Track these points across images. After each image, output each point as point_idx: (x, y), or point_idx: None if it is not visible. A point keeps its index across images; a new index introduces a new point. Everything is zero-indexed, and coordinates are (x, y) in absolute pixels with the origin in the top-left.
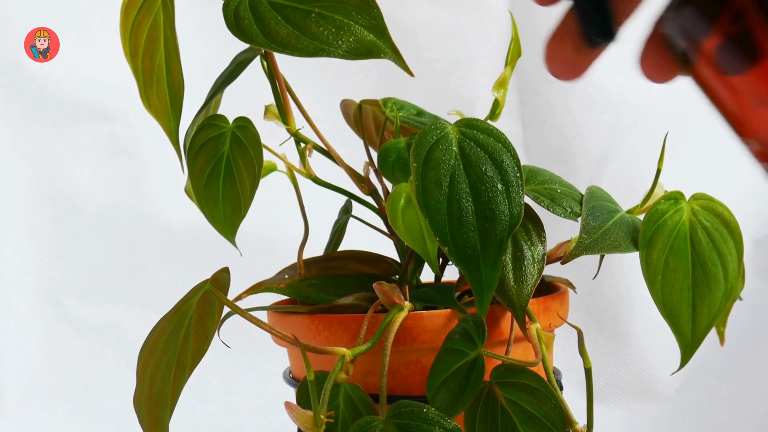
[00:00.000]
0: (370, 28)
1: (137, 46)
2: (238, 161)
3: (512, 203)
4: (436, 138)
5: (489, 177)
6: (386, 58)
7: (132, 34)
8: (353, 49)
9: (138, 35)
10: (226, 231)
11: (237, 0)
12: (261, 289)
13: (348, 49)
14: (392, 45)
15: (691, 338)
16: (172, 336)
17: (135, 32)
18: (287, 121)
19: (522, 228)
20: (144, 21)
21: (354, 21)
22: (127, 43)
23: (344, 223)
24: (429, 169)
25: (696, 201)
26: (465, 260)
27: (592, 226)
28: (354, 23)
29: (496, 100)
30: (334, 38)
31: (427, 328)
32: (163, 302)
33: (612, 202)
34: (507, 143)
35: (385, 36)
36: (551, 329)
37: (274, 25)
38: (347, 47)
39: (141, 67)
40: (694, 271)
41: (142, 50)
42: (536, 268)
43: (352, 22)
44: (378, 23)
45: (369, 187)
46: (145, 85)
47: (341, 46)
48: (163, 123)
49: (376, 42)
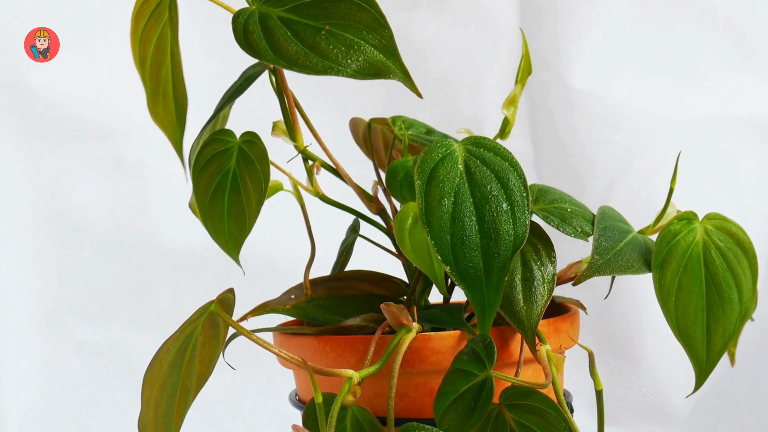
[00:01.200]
0: (381, 48)
1: (146, 54)
2: (245, 176)
3: (517, 223)
4: (441, 156)
5: (494, 196)
6: (395, 79)
7: (141, 42)
8: (362, 69)
9: (146, 44)
10: (230, 248)
11: (247, 13)
12: (267, 309)
13: (357, 69)
14: (402, 66)
15: (705, 360)
16: (177, 358)
17: (144, 40)
18: (295, 138)
19: (531, 248)
20: (153, 30)
21: (364, 40)
22: (136, 50)
23: (352, 243)
24: (433, 187)
25: (709, 221)
26: (467, 280)
27: (604, 246)
28: (364, 42)
29: (506, 119)
30: (344, 57)
31: (436, 350)
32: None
33: (624, 222)
34: (514, 162)
35: (395, 57)
36: (562, 351)
37: (283, 41)
38: (356, 67)
39: (148, 77)
40: (708, 293)
41: (150, 59)
42: (546, 288)
43: (362, 42)
44: (389, 43)
45: (377, 207)
46: (152, 95)
47: (350, 66)
48: (169, 134)
49: (385, 62)
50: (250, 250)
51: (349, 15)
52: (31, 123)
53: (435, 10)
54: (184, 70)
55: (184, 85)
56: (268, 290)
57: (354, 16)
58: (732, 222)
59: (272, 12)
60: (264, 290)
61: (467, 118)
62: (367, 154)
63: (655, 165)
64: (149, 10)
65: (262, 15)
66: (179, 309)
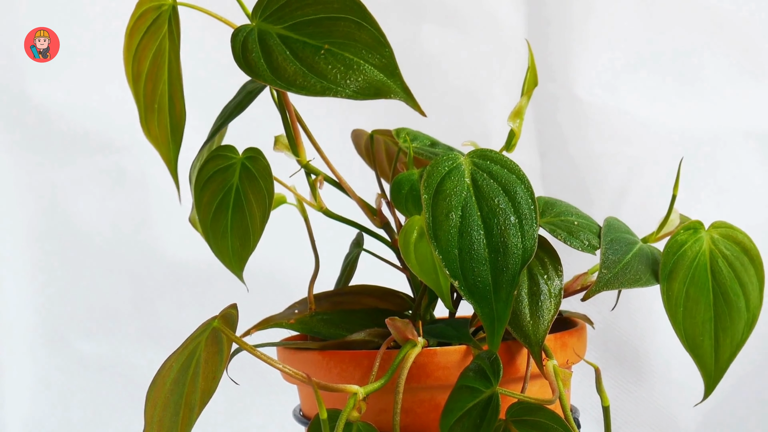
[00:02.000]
0: (381, 67)
1: (140, 71)
2: (248, 193)
3: (525, 236)
4: (448, 169)
5: (502, 209)
6: (396, 98)
7: (135, 59)
8: (362, 89)
9: (141, 60)
10: (233, 265)
11: (246, 31)
12: (270, 324)
13: (357, 89)
14: (403, 85)
15: (714, 370)
16: (180, 375)
17: (138, 57)
18: (298, 153)
19: (538, 261)
20: (148, 46)
21: (364, 59)
22: (129, 67)
23: (356, 257)
24: (440, 201)
25: (715, 229)
26: (476, 295)
27: (612, 260)
28: (364, 62)
29: (512, 131)
30: (343, 77)
31: (441, 365)
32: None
33: (630, 233)
34: (521, 175)
35: (396, 76)
36: (568, 366)
37: (281, 61)
38: (356, 87)
39: (143, 93)
40: (715, 302)
41: (144, 76)
42: (553, 302)
43: (361, 61)
44: (389, 62)
45: (381, 220)
46: (146, 111)
47: (349, 86)
48: (162, 152)
49: (386, 82)
50: (253, 265)
51: (349, 34)
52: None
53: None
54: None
55: (183, 101)
56: (271, 305)
57: (353, 34)
58: (738, 230)
59: (272, 29)
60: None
61: (473, 130)
62: (369, 166)
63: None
64: (145, 26)
65: (261, 33)
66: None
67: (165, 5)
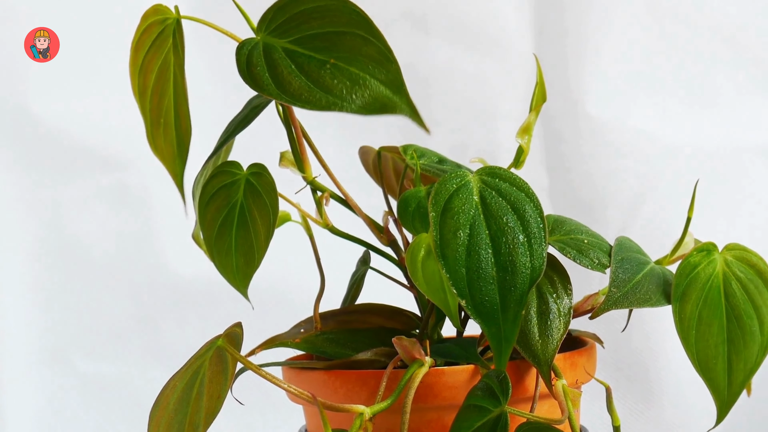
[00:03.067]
0: (387, 82)
1: (146, 85)
2: (252, 209)
3: (534, 255)
4: (456, 186)
5: (510, 228)
6: (402, 114)
7: (141, 73)
8: (367, 105)
9: (147, 74)
10: (238, 283)
11: (251, 44)
12: (275, 343)
13: (362, 105)
14: (409, 101)
15: (727, 394)
16: (184, 394)
17: (144, 71)
18: (303, 169)
19: (547, 280)
20: (154, 60)
21: (370, 74)
22: (135, 81)
23: (362, 275)
24: (448, 219)
25: (729, 251)
26: (483, 314)
27: (622, 279)
28: (370, 77)
29: (521, 147)
30: (348, 92)
31: (449, 385)
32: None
33: (641, 253)
34: (530, 193)
35: (402, 92)
36: (578, 385)
37: (287, 75)
38: (362, 102)
39: (149, 107)
40: (728, 325)
41: (150, 90)
42: (562, 321)
43: (368, 76)
44: (395, 78)
45: (388, 238)
46: (152, 126)
47: (355, 101)
48: (169, 166)
49: (392, 98)
50: (258, 283)
51: (355, 48)
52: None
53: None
54: (188, 99)
55: (189, 116)
56: (276, 324)
57: (360, 49)
58: (752, 252)
59: (277, 43)
60: (273, 324)
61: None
62: (377, 183)
63: (674, 194)
64: (150, 39)
65: (266, 46)
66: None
67: (170, 19)
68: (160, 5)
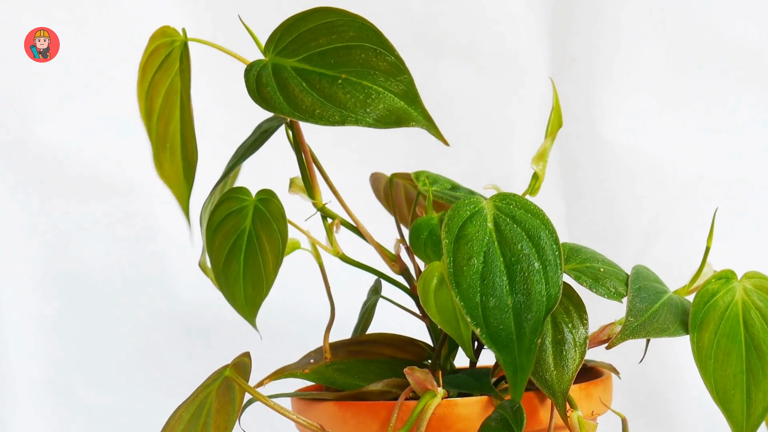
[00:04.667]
0: (401, 94)
1: (152, 107)
2: (261, 237)
3: (550, 283)
4: (469, 213)
5: (525, 255)
6: (418, 126)
7: (148, 95)
8: (382, 118)
9: (154, 97)
10: (246, 312)
11: (259, 65)
12: (284, 374)
13: (377, 118)
14: (425, 112)
15: (745, 426)
16: (191, 426)
17: (151, 93)
18: (313, 195)
19: (563, 309)
20: (161, 82)
21: (383, 87)
22: (143, 103)
23: (373, 304)
24: (461, 246)
25: (749, 279)
26: (498, 343)
27: (639, 308)
28: (383, 89)
29: (536, 174)
30: (362, 106)
31: (462, 416)
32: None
33: (659, 282)
34: (545, 220)
35: (417, 103)
36: (594, 417)
37: (298, 93)
38: (376, 115)
39: (155, 130)
40: (747, 355)
41: (157, 113)
42: (578, 352)
43: (381, 88)
44: (409, 89)
45: (400, 266)
46: (158, 149)
47: (370, 114)
48: (175, 191)
49: (407, 109)
50: (267, 312)
51: (366, 62)
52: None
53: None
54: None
55: (195, 141)
56: (285, 354)
57: (371, 62)
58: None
59: (286, 63)
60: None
61: (495, 173)
62: (388, 210)
63: (692, 222)
64: (157, 62)
65: (275, 66)
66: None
67: (177, 41)
68: (167, 27)
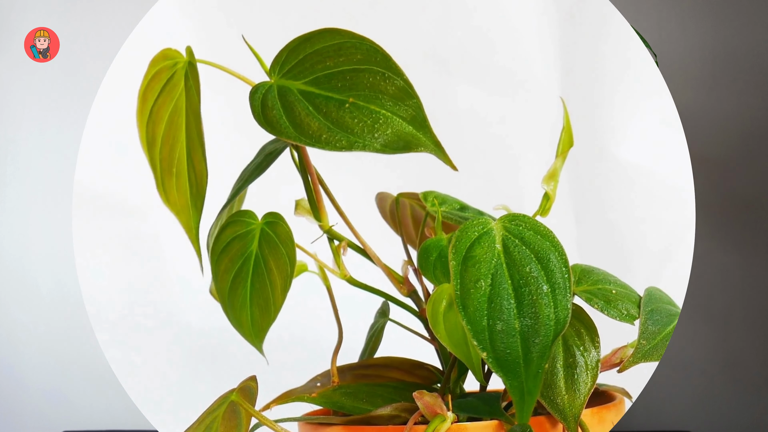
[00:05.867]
0: (409, 119)
1: (155, 135)
2: (269, 260)
3: (558, 307)
4: (477, 234)
5: (534, 278)
6: (426, 151)
7: (150, 122)
8: (390, 143)
9: (156, 123)
10: (252, 337)
11: (265, 88)
12: (291, 398)
13: (385, 143)
14: (433, 137)
15: None
16: None
17: (153, 120)
18: (320, 217)
19: (574, 332)
20: (164, 107)
21: (391, 111)
22: (144, 131)
23: (381, 327)
24: (469, 268)
25: None
26: (505, 367)
27: (651, 331)
28: (391, 114)
29: (546, 194)
30: (370, 131)
31: None
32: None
33: (672, 303)
34: (555, 241)
35: (425, 128)
36: None
37: (304, 117)
38: (384, 141)
39: (159, 158)
40: None
41: (160, 140)
42: (590, 375)
43: (389, 113)
44: (417, 114)
45: (408, 288)
46: (162, 177)
47: (377, 140)
48: (183, 219)
49: (415, 134)
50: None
51: (374, 85)
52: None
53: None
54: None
55: (205, 162)
56: (292, 377)
57: (379, 86)
58: None
59: (292, 85)
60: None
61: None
62: (394, 230)
63: None
64: (159, 86)
65: (281, 89)
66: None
67: (180, 63)
68: (169, 49)
